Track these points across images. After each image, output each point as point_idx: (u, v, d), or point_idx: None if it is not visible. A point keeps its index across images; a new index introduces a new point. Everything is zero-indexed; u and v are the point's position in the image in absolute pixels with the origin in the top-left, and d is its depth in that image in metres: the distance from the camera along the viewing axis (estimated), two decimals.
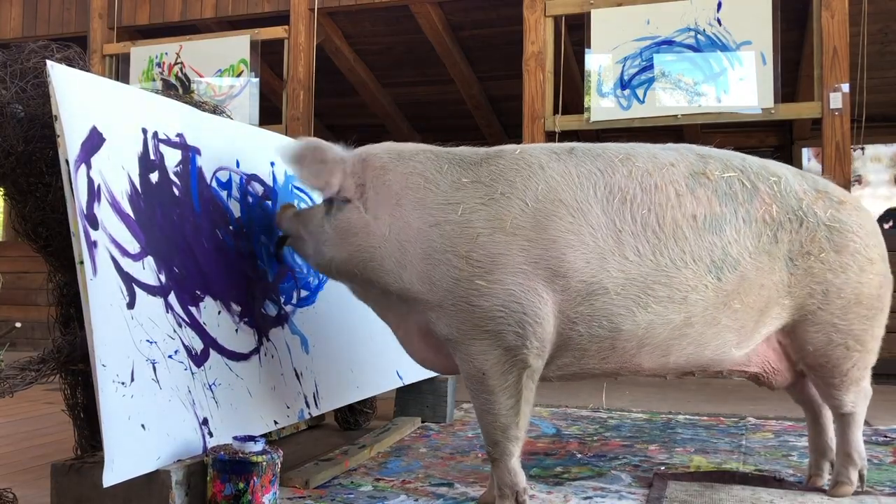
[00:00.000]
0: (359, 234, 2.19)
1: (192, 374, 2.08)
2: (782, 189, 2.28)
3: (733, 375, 2.42)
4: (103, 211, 1.91)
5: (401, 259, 2.15)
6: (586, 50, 5.48)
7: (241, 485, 1.96)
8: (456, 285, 2.10)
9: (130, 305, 1.92)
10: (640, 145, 2.32)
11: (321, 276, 2.84)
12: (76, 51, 2.25)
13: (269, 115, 6.63)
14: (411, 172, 2.21)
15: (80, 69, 2.01)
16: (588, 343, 2.16)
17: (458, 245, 2.10)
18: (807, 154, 8.77)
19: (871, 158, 8.98)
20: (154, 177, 2.13)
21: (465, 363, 2.16)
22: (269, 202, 2.61)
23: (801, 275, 2.25)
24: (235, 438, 2.04)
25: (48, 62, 1.86)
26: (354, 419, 3.48)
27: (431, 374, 3.62)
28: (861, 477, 2.41)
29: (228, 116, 2.70)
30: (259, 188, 2.58)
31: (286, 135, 3.43)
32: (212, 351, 2.18)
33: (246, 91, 6.36)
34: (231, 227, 2.40)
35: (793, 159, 8.53)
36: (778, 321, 2.29)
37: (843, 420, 2.41)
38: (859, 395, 2.38)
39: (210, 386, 2.13)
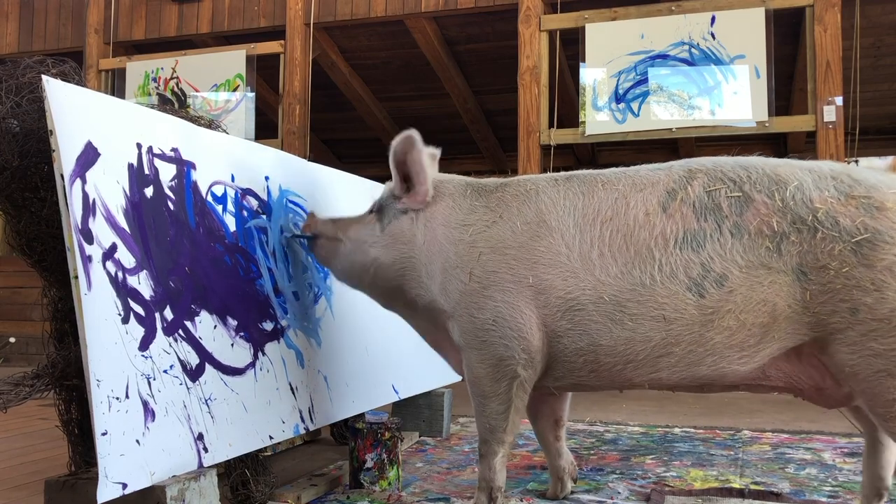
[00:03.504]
0: (407, 241, 2.46)
1: (188, 388, 2.07)
2: (788, 197, 2.08)
3: (756, 391, 2.27)
4: (98, 225, 1.91)
5: (429, 270, 2.41)
6: (581, 64, 5.51)
7: (352, 443, 2.78)
8: (462, 298, 2.33)
9: (125, 320, 1.91)
10: (638, 167, 2.34)
11: (317, 289, 2.84)
12: (72, 66, 2.25)
13: (265, 130, 6.64)
14: (444, 194, 2.48)
15: (76, 84, 2.02)
16: (574, 356, 2.25)
17: (466, 262, 2.33)
18: None
19: None
20: (149, 191, 2.13)
21: (467, 368, 2.38)
22: (264, 216, 2.61)
23: (818, 291, 2.02)
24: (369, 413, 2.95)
25: (44, 77, 1.86)
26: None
27: (428, 388, 3.62)
28: None
29: (224, 131, 2.70)
30: (254, 202, 2.58)
31: (282, 149, 3.44)
32: (207, 365, 2.17)
33: (242, 106, 6.37)
34: (226, 241, 2.40)
35: None
36: (797, 338, 2.09)
37: None
38: None
39: (206, 401, 2.12)
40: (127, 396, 1.85)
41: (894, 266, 1.97)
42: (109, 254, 1.92)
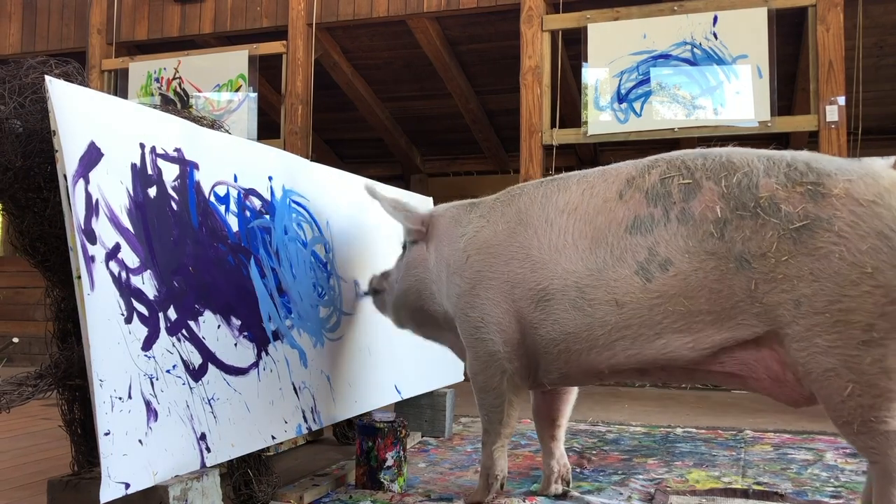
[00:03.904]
0: (418, 266, 2.69)
1: (191, 388, 2.07)
2: (734, 184, 2.02)
3: (712, 380, 2.21)
4: (101, 225, 1.91)
5: (438, 285, 2.61)
6: (583, 64, 5.50)
7: (370, 443, 2.73)
8: (458, 300, 2.49)
9: (128, 320, 1.91)
10: (618, 164, 2.35)
11: (321, 289, 2.84)
12: (74, 66, 2.25)
13: (268, 130, 6.64)
14: (449, 217, 2.66)
15: (79, 84, 2.02)
16: (551, 346, 2.32)
17: (459, 266, 2.49)
18: None
19: None
20: (152, 191, 2.13)
21: (468, 365, 2.53)
22: (267, 216, 2.62)
23: (762, 280, 1.95)
24: (375, 412, 2.94)
25: (46, 77, 1.86)
26: (353, 434, 3.47)
27: (430, 388, 3.61)
28: None
29: (226, 131, 2.70)
30: (257, 202, 2.58)
31: (284, 149, 3.44)
32: (210, 365, 2.17)
33: (244, 106, 6.37)
34: (230, 242, 2.40)
35: None
36: (750, 329, 2.01)
37: (872, 470, 1.95)
38: (880, 441, 1.85)
39: (208, 401, 2.12)
40: (130, 396, 1.85)
41: (833, 255, 1.86)
42: (113, 254, 1.92)
